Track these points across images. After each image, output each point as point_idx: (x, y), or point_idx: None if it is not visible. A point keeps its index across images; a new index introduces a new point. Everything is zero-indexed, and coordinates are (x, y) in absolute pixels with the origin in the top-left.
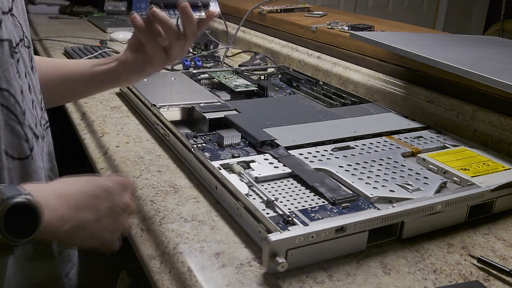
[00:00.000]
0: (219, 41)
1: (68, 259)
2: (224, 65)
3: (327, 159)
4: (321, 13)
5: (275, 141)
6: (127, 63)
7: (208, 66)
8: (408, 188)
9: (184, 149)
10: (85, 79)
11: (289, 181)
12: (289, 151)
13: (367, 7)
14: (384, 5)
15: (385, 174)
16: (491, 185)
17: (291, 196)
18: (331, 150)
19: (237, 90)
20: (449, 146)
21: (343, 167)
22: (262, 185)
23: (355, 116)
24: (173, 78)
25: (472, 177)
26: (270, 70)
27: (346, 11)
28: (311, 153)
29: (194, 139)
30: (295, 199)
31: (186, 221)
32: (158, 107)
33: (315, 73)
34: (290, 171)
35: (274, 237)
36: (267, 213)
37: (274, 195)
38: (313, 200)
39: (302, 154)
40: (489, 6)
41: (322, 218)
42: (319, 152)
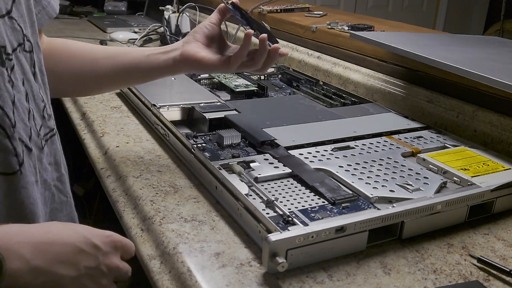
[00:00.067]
0: None
1: None
2: None
3: (327, 159)
4: (321, 13)
5: (275, 141)
6: (189, 57)
7: None
8: (408, 188)
9: (184, 149)
10: (142, 69)
11: (289, 181)
12: (289, 151)
13: (367, 7)
14: (384, 5)
15: (385, 174)
16: (491, 185)
17: (291, 196)
18: (331, 150)
19: (237, 90)
20: (449, 146)
21: (343, 167)
22: (262, 185)
23: (355, 116)
24: (173, 78)
25: (472, 177)
26: (270, 70)
27: (346, 11)
28: (311, 153)
29: (194, 139)
30: (295, 199)
31: (186, 221)
32: (158, 107)
33: (315, 73)
34: (290, 171)
35: (274, 237)
36: (267, 213)
37: (274, 195)
38: (313, 200)
39: (302, 154)
40: (489, 6)
41: (322, 218)
42: (319, 152)
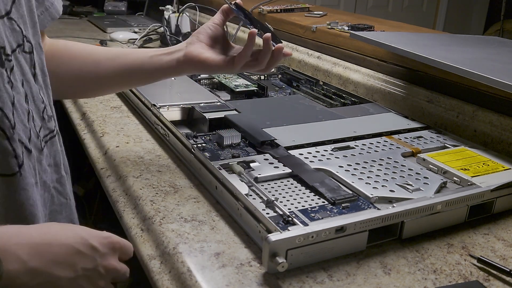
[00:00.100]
0: None
1: None
2: None
3: (327, 159)
4: (321, 13)
5: (275, 141)
6: (193, 58)
7: None
8: (408, 188)
9: (184, 149)
10: (145, 70)
11: (289, 181)
12: (289, 151)
13: (367, 7)
14: (384, 5)
15: (385, 174)
16: (491, 185)
17: (291, 196)
18: (331, 150)
19: (237, 90)
20: (449, 146)
21: (343, 167)
22: (262, 185)
23: (355, 116)
24: (173, 78)
25: (472, 177)
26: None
27: (346, 11)
28: (311, 153)
29: (194, 139)
30: (295, 199)
31: (186, 221)
32: (158, 107)
33: (315, 73)
34: (290, 171)
35: (274, 237)
36: (267, 213)
37: (274, 195)
38: (313, 200)
39: (302, 154)
40: (489, 6)
41: (322, 218)
42: (319, 152)
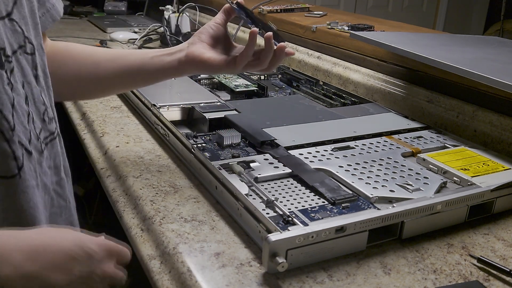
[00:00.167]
0: None
1: None
2: None
3: (327, 159)
4: (321, 13)
5: (275, 141)
6: (194, 58)
7: None
8: (408, 188)
9: (184, 149)
10: (146, 71)
11: (289, 181)
12: (289, 151)
13: (367, 7)
14: (384, 5)
15: (385, 174)
16: (491, 185)
17: (291, 196)
18: (331, 150)
19: (237, 90)
20: (449, 146)
21: (343, 167)
22: (262, 185)
23: (355, 116)
24: (173, 78)
25: (472, 177)
26: None
27: (346, 11)
28: (311, 153)
29: (194, 139)
30: (295, 199)
31: (186, 221)
32: (158, 107)
33: (315, 73)
34: (290, 171)
35: (274, 237)
36: (267, 213)
37: (274, 195)
38: (313, 200)
39: (302, 154)
40: (489, 6)
41: (322, 218)
42: (319, 152)
